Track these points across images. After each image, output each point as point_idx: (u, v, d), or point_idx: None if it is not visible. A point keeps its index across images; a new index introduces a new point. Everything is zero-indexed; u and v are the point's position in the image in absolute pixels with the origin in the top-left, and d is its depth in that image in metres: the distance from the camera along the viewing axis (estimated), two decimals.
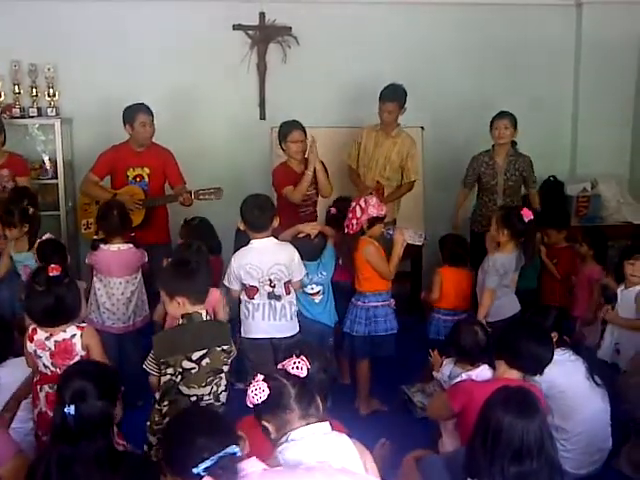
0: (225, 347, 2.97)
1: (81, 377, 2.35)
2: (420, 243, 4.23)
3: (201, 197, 4.83)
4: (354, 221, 4.10)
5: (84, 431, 2.24)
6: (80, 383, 2.31)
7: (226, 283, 3.85)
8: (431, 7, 5.91)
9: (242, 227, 3.85)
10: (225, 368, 2.98)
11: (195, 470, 1.96)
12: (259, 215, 3.79)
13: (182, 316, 2.98)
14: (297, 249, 3.91)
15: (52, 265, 3.14)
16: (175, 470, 2.09)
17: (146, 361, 2.95)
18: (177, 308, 2.98)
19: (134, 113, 4.81)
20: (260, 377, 2.17)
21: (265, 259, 3.77)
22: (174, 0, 5.69)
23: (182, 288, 2.96)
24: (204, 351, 2.90)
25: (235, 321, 4.03)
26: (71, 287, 3.17)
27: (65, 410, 2.24)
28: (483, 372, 3.26)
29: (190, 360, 2.88)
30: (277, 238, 3.94)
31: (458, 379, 3.27)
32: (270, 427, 2.18)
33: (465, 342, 3.45)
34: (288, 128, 4.76)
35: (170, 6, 5.68)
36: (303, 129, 4.77)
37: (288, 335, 3.85)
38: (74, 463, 2.21)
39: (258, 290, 3.78)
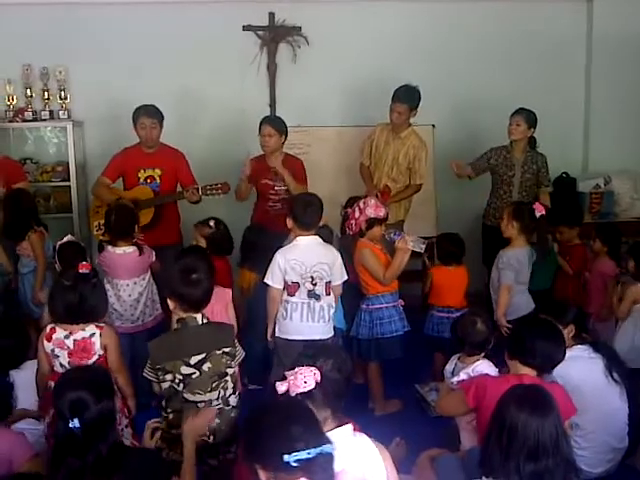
0: (227, 349, 2.88)
1: (74, 387, 2.29)
2: (421, 250, 4.18)
3: (208, 192, 4.81)
4: (353, 222, 4.07)
5: (91, 438, 2.22)
6: (75, 393, 2.25)
7: (269, 281, 3.76)
8: (441, 4, 5.91)
9: (289, 225, 3.81)
10: (230, 371, 2.89)
11: (287, 458, 1.80)
12: (309, 213, 3.78)
13: (177, 321, 2.93)
14: None
15: (83, 262, 3.18)
16: (265, 460, 1.87)
17: (145, 368, 2.88)
18: (171, 307, 2.93)
19: (136, 115, 4.84)
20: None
21: (309, 256, 3.73)
22: (184, 2, 5.72)
23: (177, 293, 2.89)
24: (202, 355, 2.82)
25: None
26: (97, 287, 3.19)
27: (70, 425, 2.20)
28: (480, 367, 3.26)
29: (189, 365, 2.81)
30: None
31: (456, 378, 3.27)
32: None
33: (461, 333, 3.43)
34: (261, 121, 4.88)
35: (180, 8, 5.70)
36: (277, 126, 4.82)
37: (325, 337, 3.80)
38: (85, 473, 2.19)
39: (299, 287, 3.74)
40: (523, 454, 2.29)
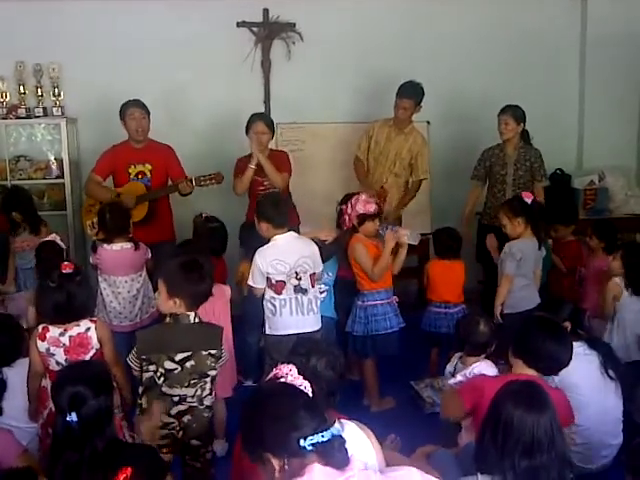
0: (213, 352, 2.89)
1: (72, 382, 2.29)
2: (415, 243, 4.18)
3: (202, 183, 4.80)
4: (346, 217, 4.12)
5: (89, 432, 2.22)
6: (73, 388, 2.26)
7: (251, 282, 3.77)
8: (435, 2, 5.90)
9: (264, 229, 3.76)
10: (212, 373, 2.90)
11: (302, 443, 1.76)
12: (281, 211, 3.78)
13: (170, 315, 2.92)
14: None
15: (65, 262, 3.18)
16: (277, 447, 1.81)
17: (129, 356, 2.89)
18: (171, 307, 2.89)
19: (125, 107, 4.83)
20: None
21: (290, 254, 3.73)
22: None
23: (186, 291, 2.86)
24: (188, 353, 2.83)
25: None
26: (83, 284, 3.19)
27: (67, 419, 2.20)
28: (478, 368, 3.25)
29: (173, 361, 2.82)
30: None
31: (453, 380, 3.27)
32: None
33: (464, 333, 3.42)
34: (253, 118, 4.84)
35: (174, 5, 5.67)
36: (269, 123, 4.84)
37: (316, 329, 3.81)
38: (81, 468, 2.19)
39: (285, 284, 3.74)
40: (518, 450, 2.28)
